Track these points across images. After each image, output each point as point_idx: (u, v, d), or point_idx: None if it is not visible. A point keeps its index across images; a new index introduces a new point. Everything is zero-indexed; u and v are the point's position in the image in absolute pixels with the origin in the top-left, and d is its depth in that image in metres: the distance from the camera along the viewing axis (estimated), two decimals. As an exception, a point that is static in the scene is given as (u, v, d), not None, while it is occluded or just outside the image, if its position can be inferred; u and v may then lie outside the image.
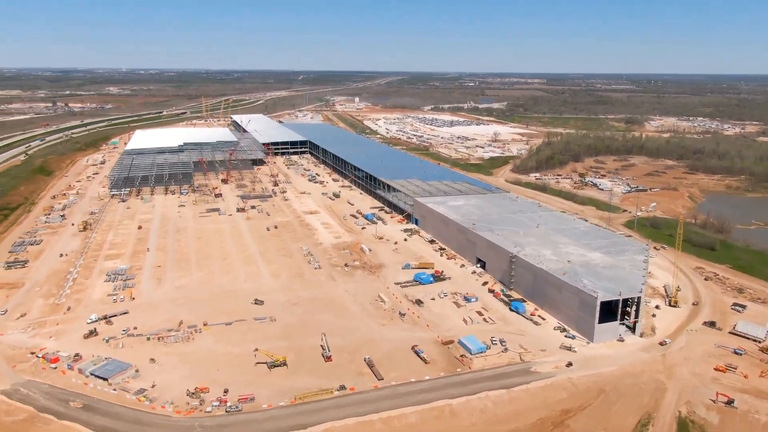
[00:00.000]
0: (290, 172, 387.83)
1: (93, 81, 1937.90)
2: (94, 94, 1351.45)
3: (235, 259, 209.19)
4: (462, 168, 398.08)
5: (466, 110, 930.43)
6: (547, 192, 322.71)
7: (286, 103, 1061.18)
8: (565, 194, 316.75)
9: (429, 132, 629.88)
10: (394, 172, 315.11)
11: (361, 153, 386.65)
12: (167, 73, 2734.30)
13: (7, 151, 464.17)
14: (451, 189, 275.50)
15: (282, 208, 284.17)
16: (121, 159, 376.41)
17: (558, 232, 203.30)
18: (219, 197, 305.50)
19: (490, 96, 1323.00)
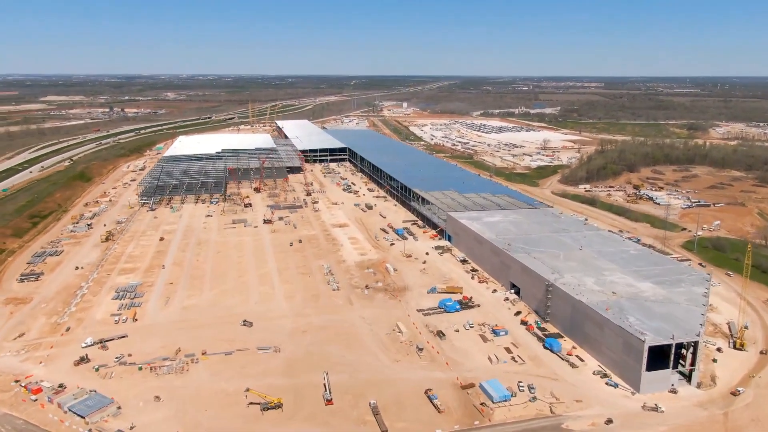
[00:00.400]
0: (326, 180, 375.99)
1: (153, 87, 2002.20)
2: (151, 99, 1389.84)
3: (251, 277, 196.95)
4: (506, 178, 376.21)
5: (517, 116, 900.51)
6: (597, 206, 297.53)
7: (334, 108, 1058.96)
8: (616, 209, 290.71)
9: (475, 138, 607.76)
10: (431, 182, 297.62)
11: (399, 161, 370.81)
12: (224, 79, 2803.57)
13: (54, 156, 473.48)
14: (489, 203, 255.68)
15: (310, 220, 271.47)
16: (156, 166, 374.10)
17: (603, 256, 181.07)
18: (248, 207, 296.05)
19: (543, 101, 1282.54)
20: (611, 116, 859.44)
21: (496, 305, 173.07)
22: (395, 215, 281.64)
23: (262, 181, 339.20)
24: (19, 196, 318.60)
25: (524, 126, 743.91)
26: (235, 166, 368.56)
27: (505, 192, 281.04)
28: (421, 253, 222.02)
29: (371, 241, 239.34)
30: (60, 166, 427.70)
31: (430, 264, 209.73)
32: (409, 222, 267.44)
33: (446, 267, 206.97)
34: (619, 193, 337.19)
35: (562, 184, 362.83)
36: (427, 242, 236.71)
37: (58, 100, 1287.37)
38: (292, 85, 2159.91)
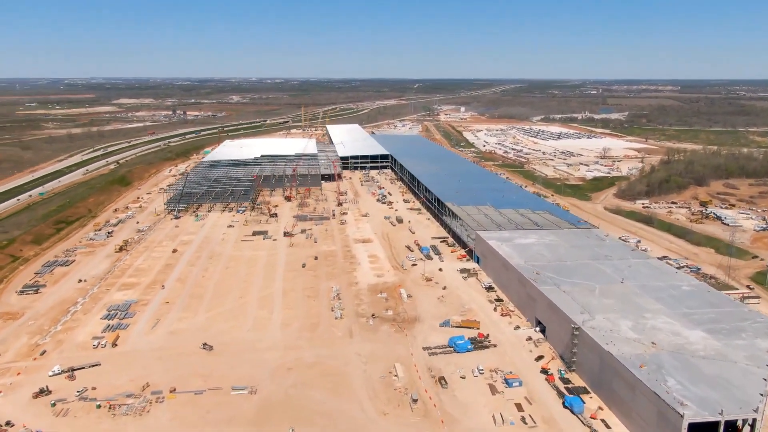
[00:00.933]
0: (362, 189, 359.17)
1: (221, 90, 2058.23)
2: (215, 102, 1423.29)
3: (253, 298, 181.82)
4: (555, 190, 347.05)
5: (579, 121, 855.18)
6: (654, 225, 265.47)
7: (391, 112, 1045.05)
8: (676, 230, 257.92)
9: (531, 146, 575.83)
10: (468, 195, 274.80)
11: (439, 171, 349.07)
12: (291, 82, 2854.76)
13: (104, 158, 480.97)
14: (526, 221, 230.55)
15: (333, 234, 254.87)
16: (190, 172, 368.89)
17: (648, 292, 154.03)
18: (273, 217, 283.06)
19: (611, 105, 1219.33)
20: (684, 122, 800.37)
21: (515, 346, 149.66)
22: (425, 231, 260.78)
23: (292, 190, 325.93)
24: (54, 200, 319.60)
25: (585, 132, 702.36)
26: (269, 173, 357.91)
27: (547, 208, 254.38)
28: (443, 276, 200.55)
29: (392, 260, 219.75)
30: (105, 169, 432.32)
31: (451, 290, 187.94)
32: (438, 239, 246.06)
33: (468, 295, 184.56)
34: (683, 210, 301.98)
35: (617, 199, 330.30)
36: (453, 263, 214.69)
37: (128, 103, 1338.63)
38: (355, 89, 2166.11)
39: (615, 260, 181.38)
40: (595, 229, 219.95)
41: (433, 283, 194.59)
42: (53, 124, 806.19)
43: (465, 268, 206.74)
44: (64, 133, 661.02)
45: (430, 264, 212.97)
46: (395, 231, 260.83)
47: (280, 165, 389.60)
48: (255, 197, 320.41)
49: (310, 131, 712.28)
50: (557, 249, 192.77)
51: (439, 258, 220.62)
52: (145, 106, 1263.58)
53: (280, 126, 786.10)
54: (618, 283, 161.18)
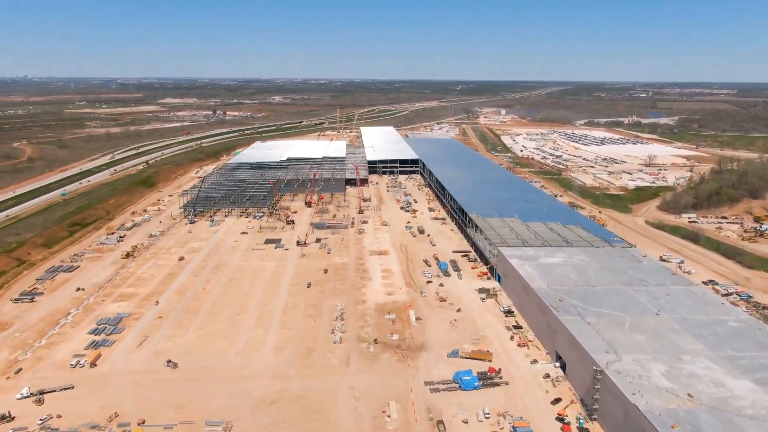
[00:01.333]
0: (388, 195, 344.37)
1: (265, 90, 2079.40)
2: (257, 102, 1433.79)
3: (250, 316, 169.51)
4: (593, 200, 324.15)
5: (626, 125, 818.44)
6: (701, 243, 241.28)
7: (430, 114, 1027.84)
8: (725, 249, 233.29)
9: (571, 151, 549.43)
10: (494, 205, 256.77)
11: (468, 178, 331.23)
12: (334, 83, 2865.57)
13: (136, 158, 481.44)
14: (555, 236, 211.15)
15: (349, 244, 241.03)
16: (210, 175, 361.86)
17: (688, 328, 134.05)
18: (290, 224, 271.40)
19: (661, 109, 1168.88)
20: (739, 128, 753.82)
21: (530, 385, 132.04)
22: (447, 243, 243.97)
23: (313, 195, 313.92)
24: (74, 201, 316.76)
25: (631, 138, 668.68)
26: (293, 177, 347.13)
27: (579, 222, 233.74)
28: (459, 296, 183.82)
29: (407, 275, 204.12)
30: (133, 169, 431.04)
31: (465, 313, 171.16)
32: (460, 253, 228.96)
33: (484, 319, 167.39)
34: (734, 226, 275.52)
35: (661, 212, 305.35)
36: (472, 282, 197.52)
37: (172, 103, 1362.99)
38: (397, 90, 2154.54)
39: (651, 286, 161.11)
40: (632, 248, 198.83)
41: (447, 304, 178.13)
42: (96, 123, 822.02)
43: (484, 288, 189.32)
44: (103, 132, 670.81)
45: (446, 281, 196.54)
46: (415, 243, 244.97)
47: (305, 168, 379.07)
48: (275, 202, 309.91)
49: (344, 133, 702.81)
50: (586, 271, 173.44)
51: (458, 275, 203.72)
52: (187, 105, 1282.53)
53: (315, 128, 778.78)
54: (653, 315, 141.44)
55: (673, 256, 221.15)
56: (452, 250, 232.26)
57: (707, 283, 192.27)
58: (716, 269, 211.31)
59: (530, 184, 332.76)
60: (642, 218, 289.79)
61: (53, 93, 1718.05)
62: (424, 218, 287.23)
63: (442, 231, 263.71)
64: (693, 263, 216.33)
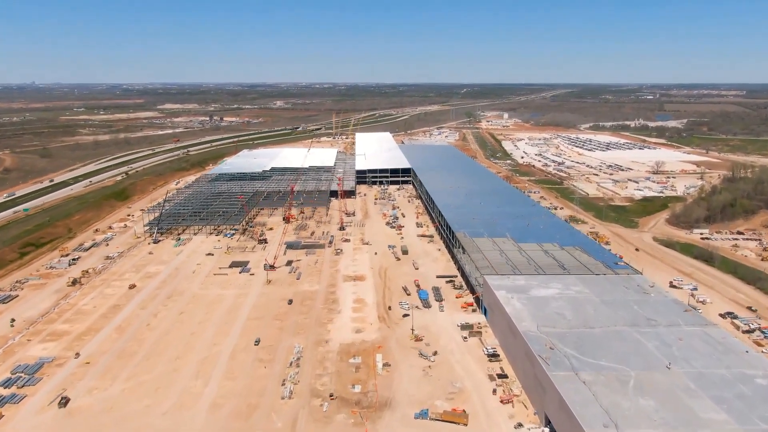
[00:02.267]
0: (375, 209, 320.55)
1: (268, 95, 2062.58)
2: (256, 107, 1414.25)
3: (192, 360, 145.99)
4: (596, 213, 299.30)
5: (632, 129, 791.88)
6: (715, 266, 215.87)
7: (432, 118, 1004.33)
8: (743, 272, 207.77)
9: (575, 157, 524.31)
10: (485, 222, 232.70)
11: (460, 189, 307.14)
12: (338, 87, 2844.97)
13: (118, 168, 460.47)
14: (550, 261, 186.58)
15: (323, 268, 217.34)
16: (185, 188, 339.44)
17: (705, 386, 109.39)
18: (262, 243, 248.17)
19: (668, 111, 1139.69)
20: (750, 131, 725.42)
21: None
22: (432, 266, 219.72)
23: (290, 210, 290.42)
24: (36, 217, 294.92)
25: (638, 142, 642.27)
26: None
27: (579, 242, 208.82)
28: (437, 334, 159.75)
29: (381, 306, 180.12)
30: (111, 180, 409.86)
31: (443, 356, 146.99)
32: (445, 278, 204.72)
33: (463, 365, 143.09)
34: (751, 243, 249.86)
35: (670, 226, 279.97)
36: (455, 315, 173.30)
37: (170, 108, 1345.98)
38: (401, 94, 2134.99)
39: (661, 327, 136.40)
40: (637, 276, 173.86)
41: (423, 344, 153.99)
42: (88, 130, 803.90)
43: (467, 323, 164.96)
44: (91, 140, 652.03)
45: (425, 315, 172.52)
46: (396, 266, 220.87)
47: (289, 179, 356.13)
48: (251, 218, 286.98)
49: (340, 139, 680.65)
50: (584, 307, 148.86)
51: (440, 306, 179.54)
52: (186, 111, 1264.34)
53: (312, 133, 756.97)
54: (663, 368, 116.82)
55: (684, 281, 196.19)
56: (436, 275, 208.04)
57: (725, 317, 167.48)
58: (734, 297, 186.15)
59: (528, 197, 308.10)
60: (649, 234, 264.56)
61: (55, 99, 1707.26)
62: (410, 235, 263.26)
63: (428, 251, 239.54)
64: (707, 289, 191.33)
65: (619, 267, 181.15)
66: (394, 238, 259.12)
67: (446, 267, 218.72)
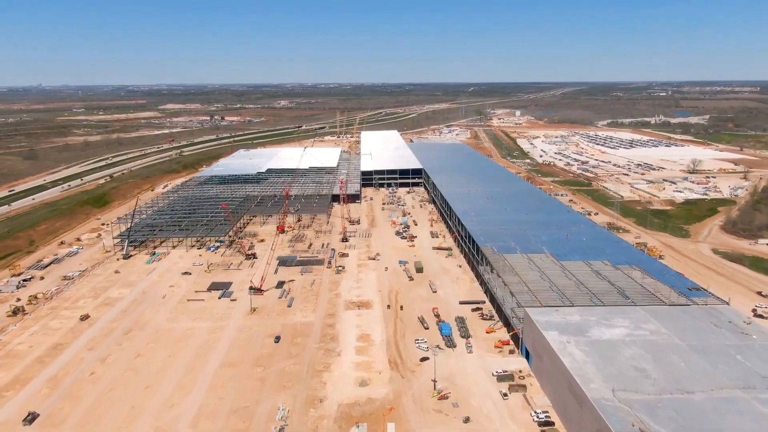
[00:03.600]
0: (382, 215, 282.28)
1: (273, 95, 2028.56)
2: (260, 107, 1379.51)
3: None
4: (637, 220, 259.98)
5: (653, 126, 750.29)
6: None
7: (440, 117, 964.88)
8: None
9: (598, 156, 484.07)
10: (516, 233, 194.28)
11: (480, 193, 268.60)
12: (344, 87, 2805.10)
13: (102, 170, 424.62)
14: (605, 285, 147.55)
15: (320, 291, 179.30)
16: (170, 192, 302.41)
17: None
18: (250, 259, 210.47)
19: (686, 108, 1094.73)
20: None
21: None
22: (453, 288, 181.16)
23: (285, 218, 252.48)
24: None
25: (662, 139, 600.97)
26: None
27: (635, 258, 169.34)
28: (467, 388, 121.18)
29: (393, 346, 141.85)
30: (93, 184, 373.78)
31: (479, 426, 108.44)
32: (471, 304, 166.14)
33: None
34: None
35: (727, 235, 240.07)
36: (488, 358, 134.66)
37: (172, 108, 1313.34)
38: (406, 93, 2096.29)
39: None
40: (723, 307, 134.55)
41: (450, 405, 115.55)
42: (82, 131, 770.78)
43: (505, 372, 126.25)
44: (81, 141, 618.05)
45: (449, 358, 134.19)
46: (409, 288, 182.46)
47: (286, 181, 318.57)
48: (241, 228, 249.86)
49: (345, 138, 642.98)
50: (669, 357, 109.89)
51: (467, 344, 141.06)
52: (187, 111, 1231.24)
53: (314, 132, 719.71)
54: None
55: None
56: (459, 301, 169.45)
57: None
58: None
59: (559, 202, 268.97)
60: (706, 245, 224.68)
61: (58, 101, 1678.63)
62: (424, 248, 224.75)
63: (446, 268, 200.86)
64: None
65: (696, 294, 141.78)
66: (405, 251, 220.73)
67: (470, 289, 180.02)
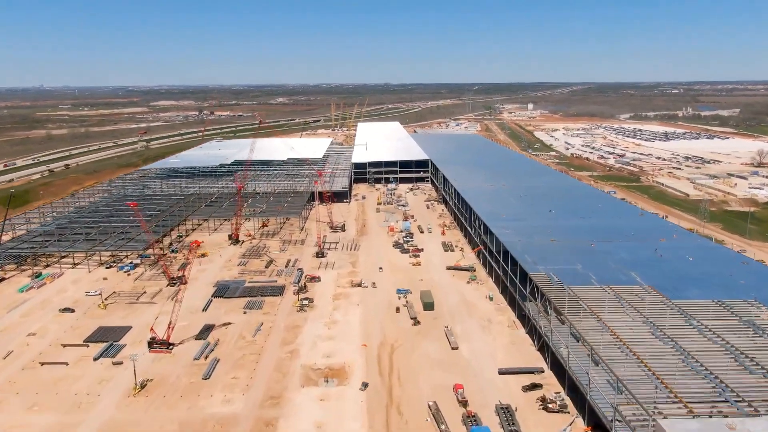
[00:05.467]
0: (377, 219, 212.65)
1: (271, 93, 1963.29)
2: (255, 103, 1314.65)
3: None
4: (724, 224, 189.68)
5: (682, 119, 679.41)
6: None
7: (445, 111, 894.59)
8: None
9: (633, 148, 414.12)
10: (577, 247, 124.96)
11: (509, 190, 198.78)
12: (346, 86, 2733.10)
13: (47, 164, 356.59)
14: (752, 338, 77.61)
15: (266, 346, 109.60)
16: (91, 191, 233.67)
17: None
18: (176, 284, 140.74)
19: (706, 103, 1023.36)
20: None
21: None
22: (487, 341, 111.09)
23: (238, 223, 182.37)
24: None
25: (700, 131, 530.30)
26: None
27: None
28: None
29: (381, 480, 71.86)
30: (24, 179, 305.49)
31: None
32: (519, 374, 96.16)
33: None
34: None
35: None
36: None
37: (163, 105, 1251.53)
38: (409, 91, 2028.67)
39: None
40: None
41: None
42: (56, 125, 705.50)
43: None
44: (44, 134, 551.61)
45: None
46: (414, 339, 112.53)
47: (256, 176, 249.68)
48: (181, 235, 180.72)
49: (340, 132, 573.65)
50: None
51: (527, 477, 71.06)
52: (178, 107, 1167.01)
53: (306, 125, 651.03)
54: None
55: None
56: (499, 369, 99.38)
57: None
58: None
59: (622, 201, 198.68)
60: None
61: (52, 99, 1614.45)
62: (435, 267, 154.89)
63: (471, 302, 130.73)
64: None
65: None
66: (407, 272, 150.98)
67: (513, 342, 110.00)
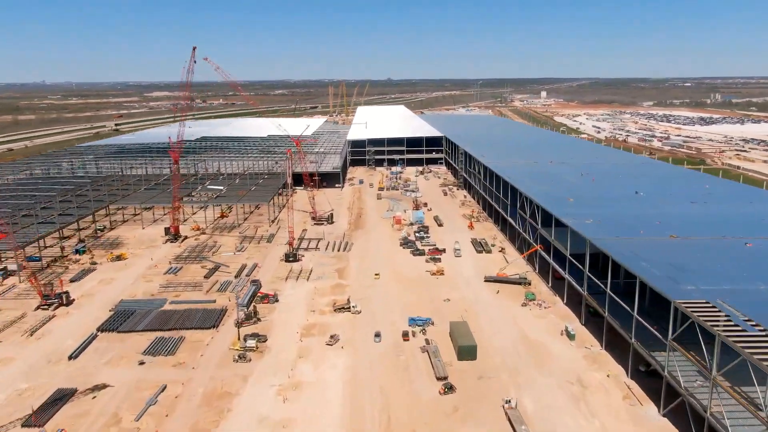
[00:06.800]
0: (377, 209, 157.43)
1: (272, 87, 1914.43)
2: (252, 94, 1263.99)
3: None
4: None
5: (711, 105, 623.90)
6: None
7: (452, 100, 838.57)
8: None
9: (673, 131, 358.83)
10: (701, 245, 69.26)
11: (561, 168, 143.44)
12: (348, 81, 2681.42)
13: None
14: None
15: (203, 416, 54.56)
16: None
17: None
18: (55, 306, 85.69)
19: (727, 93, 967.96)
20: None
21: None
22: (583, 428, 56.07)
23: (176, 212, 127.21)
24: None
25: (740, 117, 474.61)
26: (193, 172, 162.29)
27: None
28: None
29: None
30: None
31: None
32: None
33: None
34: None
35: None
36: None
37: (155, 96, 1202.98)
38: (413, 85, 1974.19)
39: None
40: None
41: None
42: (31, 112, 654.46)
43: None
44: (10, 119, 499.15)
45: None
46: (440, 425, 57.41)
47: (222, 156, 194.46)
48: (102, 228, 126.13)
49: (339, 118, 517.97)
50: None
51: None
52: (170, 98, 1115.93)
53: (301, 110, 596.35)
54: None
55: None
56: None
57: None
58: None
59: (736, 183, 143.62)
60: None
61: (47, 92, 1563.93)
62: (466, 278, 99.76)
63: (538, 342, 75.62)
64: None
65: None
66: (424, 286, 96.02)
67: (626, 421, 54.93)
